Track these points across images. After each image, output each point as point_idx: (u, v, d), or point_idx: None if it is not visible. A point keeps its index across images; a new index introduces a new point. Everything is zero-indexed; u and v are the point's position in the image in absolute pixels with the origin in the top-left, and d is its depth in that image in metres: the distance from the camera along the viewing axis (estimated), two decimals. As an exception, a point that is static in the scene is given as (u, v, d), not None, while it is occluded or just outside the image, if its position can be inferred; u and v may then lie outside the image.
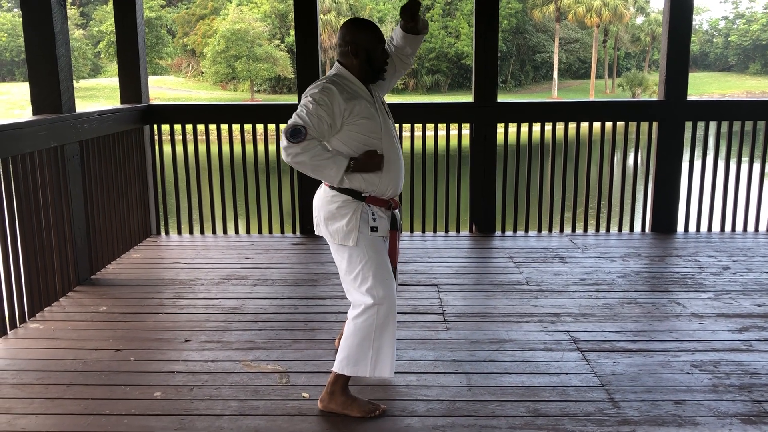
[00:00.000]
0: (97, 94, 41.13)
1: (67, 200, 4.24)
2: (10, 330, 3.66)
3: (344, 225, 2.74)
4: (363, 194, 2.76)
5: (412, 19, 2.93)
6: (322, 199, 2.82)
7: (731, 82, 55.70)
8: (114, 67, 49.84)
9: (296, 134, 2.59)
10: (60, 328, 3.72)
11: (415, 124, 5.77)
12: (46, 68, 4.21)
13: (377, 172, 2.75)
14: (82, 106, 4.53)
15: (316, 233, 2.91)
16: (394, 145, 2.83)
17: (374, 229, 2.76)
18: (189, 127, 5.74)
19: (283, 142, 2.62)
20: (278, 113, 5.85)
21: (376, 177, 2.76)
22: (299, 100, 5.40)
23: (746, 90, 51.78)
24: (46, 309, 4.00)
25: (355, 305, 2.79)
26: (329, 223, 2.78)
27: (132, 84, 5.50)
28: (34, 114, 4.24)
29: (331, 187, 2.77)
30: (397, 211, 2.90)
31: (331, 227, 2.78)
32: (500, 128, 5.59)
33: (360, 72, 2.80)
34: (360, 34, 2.78)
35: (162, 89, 43.15)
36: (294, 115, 2.66)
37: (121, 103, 5.51)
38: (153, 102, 5.79)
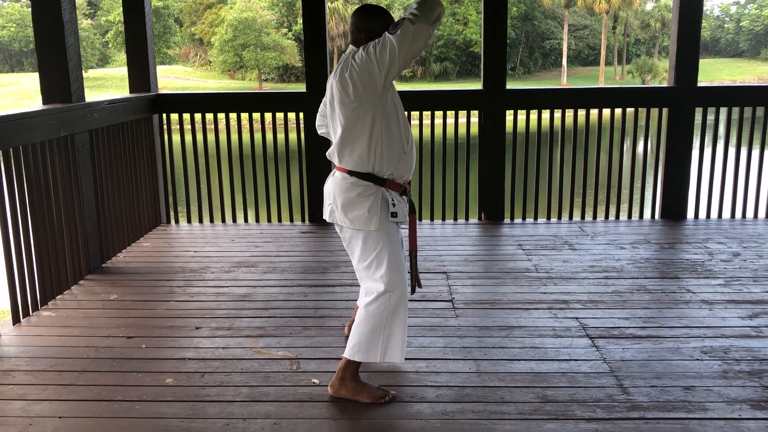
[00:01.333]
0: (105, 83, 41.24)
1: (77, 189, 4.27)
2: (23, 318, 3.69)
3: (366, 211, 2.75)
4: (384, 176, 2.76)
5: None
6: (339, 185, 2.81)
7: (742, 68, 55.22)
8: (122, 56, 49.96)
9: (395, 26, 2.57)
10: (72, 316, 3.75)
11: (424, 112, 5.76)
12: (56, 58, 4.23)
13: (400, 155, 2.76)
14: (90, 95, 4.55)
15: (327, 220, 2.91)
16: (409, 130, 2.85)
17: (394, 215, 2.77)
18: (198, 116, 5.76)
19: (394, 37, 2.55)
20: (287, 102, 5.85)
21: (398, 159, 2.77)
22: (307, 88, 5.45)
23: (758, 76, 51.34)
24: (58, 297, 4.03)
25: (367, 292, 2.81)
26: (348, 210, 2.78)
27: (141, 73, 5.51)
28: (44, 104, 4.27)
29: (350, 173, 2.77)
30: (409, 195, 2.92)
31: (350, 214, 2.78)
32: (509, 115, 5.58)
33: None
34: (373, 20, 2.78)
35: (170, 78, 43.20)
36: (383, 40, 2.60)
37: (130, 92, 5.52)
38: (161, 91, 5.80)
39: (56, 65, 4.24)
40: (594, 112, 5.69)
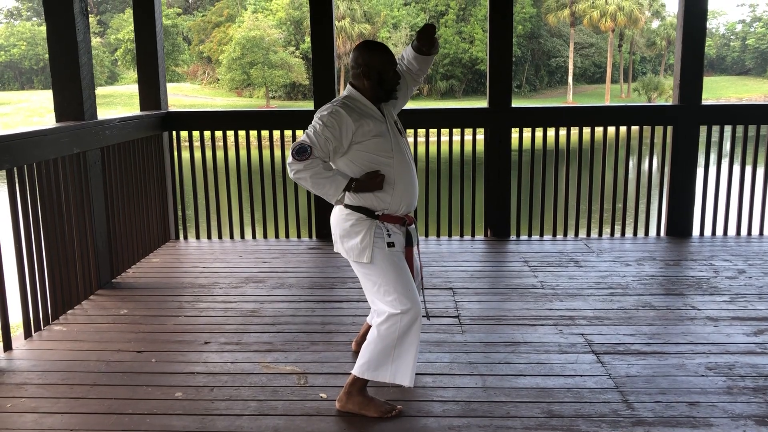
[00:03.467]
0: (114, 101, 41.56)
1: (88, 205, 4.33)
2: (35, 332, 3.75)
3: (358, 242, 2.80)
4: (376, 212, 2.82)
5: (429, 42, 2.99)
6: (337, 217, 2.89)
7: (749, 85, 55.25)
8: (131, 74, 50.45)
9: (301, 152, 2.71)
10: (83, 330, 3.80)
11: (430, 129, 5.82)
12: (69, 76, 4.31)
13: (389, 191, 2.82)
14: (99, 113, 4.63)
15: (335, 250, 2.98)
16: (406, 162, 2.89)
17: (391, 245, 2.81)
18: (207, 134, 5.83)
19: (289, 158, 2.74)
20: (295, 119, 5.92)
21: (387, 195, 2.83)
22: (315, 106, 5.52)
23: (764, 93, 51.33)
24: (69, 312, 4.09)
25: (379, 313, 2.84)
26: (344, 241, 2.86)
27: (151, 91, 5.60)
28: (57, 121, 4.35)
29: (346, 206, 2.84)
30: (413, 226, 2.95)
31: (346, 245, 2.85)
32: (515, 133, 5.63)
33: (371, 93, 2.88)
34: (372, 56, 2.85)
35: (178, 96, 43.52)
36: (304, 134, 2.76)
37: (141, 109, 5.61)
38: (171, 109, 5.88)
39: (70, 83, 4.32)
40: (599, 129, 5.74)
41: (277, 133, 5.78)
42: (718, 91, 49.97)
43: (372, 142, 2.80)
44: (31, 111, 39.85)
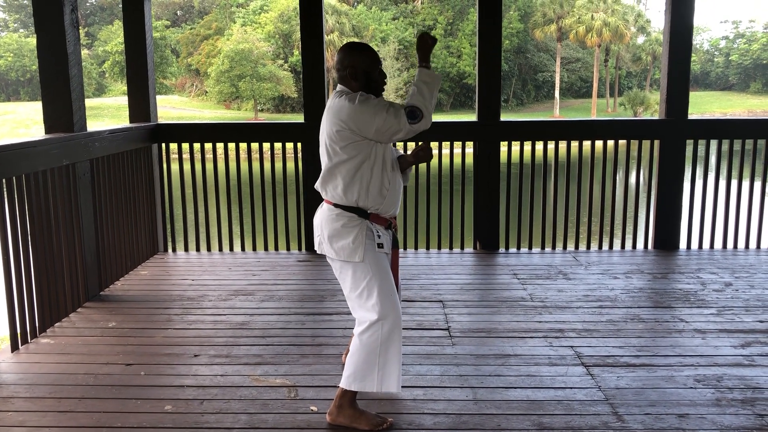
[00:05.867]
0: (101, 113, 41.37)
1: (77, 217, 4.31)
2: (21, 345, 3.71)
3: (350, 242, 2.80)
4: (368, 211, 2.83)
5: (426, 52, 2.91)
6: (326, 217, 2.88)
7: (732, 101, 55.90)
8: (118, 86, 50.29)
9: (413, 116, 2.72)
10: (71, 343, 3.77)
11: (419, 143, 5.83)
12: (59, 88, 4.30)
13: (383, 192, 2.84)
14: (88, 125, 4.62)
15: (317, 251, 2.97)
16: (395, 168, 2.92)
17: (380, 246, 2.83)
18: (197, 146, 5.83)
19: (405, 127, 2.72)
20: (285, 132, 5.94)
21: (381, 197, 2.84)
22: (305, 119, 5.54)
23: (747, 109, 51.94)
24: (57, 324, 4.05)
25: (360, 322, 2.84)
26: (333, 241, 2.85)
27: (141, 103, 5.59)
28: (46, 132, 4.33)
29: (335, 205, 2.84)
30: (394, 229, 2.98)
31: (335, 244, 2.84)
32: (503, 146, 5.66)
33: None
34: (357, 57, 2.86)
35: (166, 108, 43.39)
36: (387, 109, 2.73)
37: (130, 122, 5.59)
38: (160, 121, 5.88)
39: (60, 95, 4.31)
40: (587, 143, 5.79)
41: (267, 146, 5.78)
42: (702, 106, 50.50)
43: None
44: (17, 122, 39.60)
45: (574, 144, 5.69)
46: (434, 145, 5.74)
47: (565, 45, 51.51)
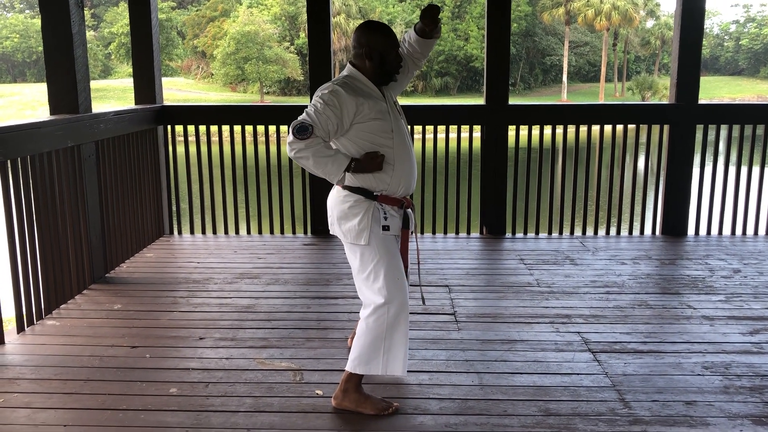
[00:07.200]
0: (107, 95, 41.33)
1: (82, 199, 4.29)
2: (27, 326, 3.71)
3: (356, 224, 2.78)
4: (375, 193, 2.80)
5: (432, 22, 2.93)
6: (335, 198, 2.87)
7: (742, 86, 55.45)
8: (124, 68, 50.21)
9: (302, 131, 2.65)
10: (76, 325, 3.77)
11: (427, 126, 5.80)
12: (64, 69, 4.27)
13: (389, 171, 2.79)
14: (93, 107, 4.59)
15: (330, 232, 2.95)
16: (405, 144, 2.86)
17: (386, 228, 2.80)
18: (203, 128, 5.80)
19: (289, 137, 2.68)
20: (291, 114, 5.87)
21: (387, 175, 2.80)
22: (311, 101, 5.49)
23: (757, 94, 51.54)
24: (62, 306, 4.05)
25: (366, 305, 2.83)
26: (342, 223, 2.82)
27: (147, 85, 5.56)
28: (51, 114, 4.30)
29: (344, 187, 2.81)
30: (410, 210, 2.94)
31: (343, 226, 2.82)
32: (511, 130, 5.61)
33: (373, 74, 2.84)
34: (375, 37, 2.81)
35: (172, 90, 43.32)
36: (304, 112, 2.71)
37: (136, 103, 5.56)
38: (165, 103, 5.85)
39: (64, 76, 4.28)
40: (595, 128, 5.73)
41: (272, 128, 5.75)
42: (711, 91, 50.11)
43: (372, 123, 2.76)
44: (23, 104, 39.63)
45: (583, 128, 5.63)
46: (441, 128, 5.71)
47: (574, 29, 51.10)
